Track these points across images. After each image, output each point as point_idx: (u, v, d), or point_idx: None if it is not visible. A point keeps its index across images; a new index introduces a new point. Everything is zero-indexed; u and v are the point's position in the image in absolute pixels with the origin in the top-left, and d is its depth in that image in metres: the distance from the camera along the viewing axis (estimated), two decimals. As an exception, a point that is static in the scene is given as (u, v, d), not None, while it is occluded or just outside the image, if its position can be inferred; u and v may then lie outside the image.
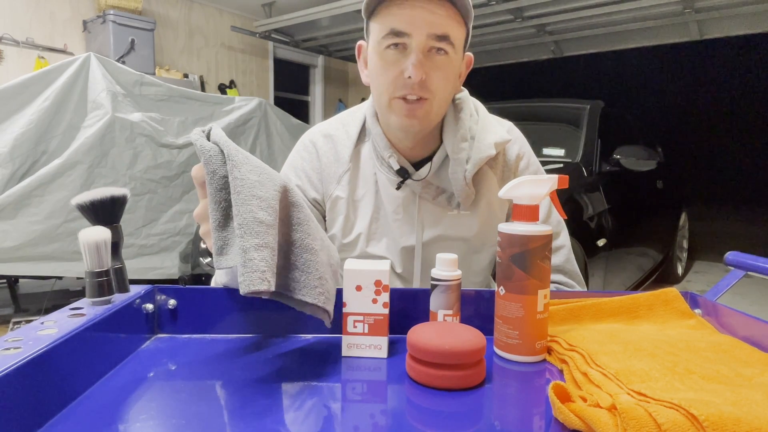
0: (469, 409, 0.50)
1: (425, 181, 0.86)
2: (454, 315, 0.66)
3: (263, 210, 0.53)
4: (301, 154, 0.93)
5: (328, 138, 0.92)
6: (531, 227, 0.61)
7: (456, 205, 0.86)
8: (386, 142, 0.86)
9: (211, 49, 5.32)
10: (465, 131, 0.84)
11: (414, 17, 0.73)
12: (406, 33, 0.74)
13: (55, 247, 2.67)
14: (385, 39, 0.75)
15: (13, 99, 2.68)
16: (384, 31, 0.75)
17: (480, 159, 0.83)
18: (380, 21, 0.76)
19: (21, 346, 0.46)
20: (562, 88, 8.11)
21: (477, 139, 0.85)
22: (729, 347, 0.58)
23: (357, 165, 0.90)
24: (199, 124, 3.34)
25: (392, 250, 0.89)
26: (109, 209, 0.63)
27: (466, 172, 0.83)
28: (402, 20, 0.73)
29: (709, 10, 3.95)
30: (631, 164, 2.73)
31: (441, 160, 0.87)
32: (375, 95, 0.83)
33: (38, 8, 4.03)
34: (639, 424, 0.40)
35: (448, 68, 0.78)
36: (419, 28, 0.73)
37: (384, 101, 0.80)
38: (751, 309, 1.08)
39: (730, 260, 0.79)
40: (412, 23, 0.73)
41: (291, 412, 0.48)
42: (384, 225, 0.89)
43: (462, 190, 0.84)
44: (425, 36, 0.74)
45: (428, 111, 0.78)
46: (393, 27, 0.74)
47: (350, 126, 0.91)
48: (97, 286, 0.59)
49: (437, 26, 0.74)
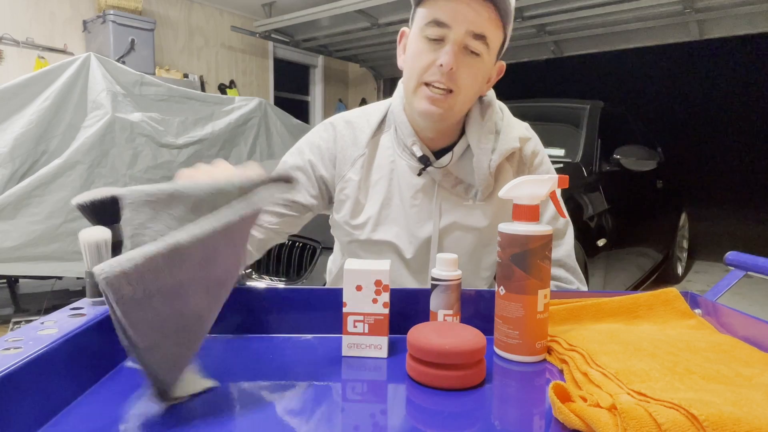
0: (469, 409, 0.50)
1: (445, 169, 0.89)
2: (455, 315, 0.66)
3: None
4: (320, 134, 0.95)
5: (348, 123, 0.95)
6: (531, 227, 0.61)
7: (473, 195, 0.90)
8: (410, 129, 0.89)
9: (211, 49, 5.32)
10: (491, 124, 0.89)
11: (457, 11, 0.77)
12: (447, 24, 0.77)
13: (55, 247, 2.66)
14: (427, 27, 0.79)
15: (13, 99, 2.68)
16: (427, 19, 0.79)
17: (506, 150, 0.88)
18: (427, 8, 0.79)
19: (21, 346, 0.46)
20: (562, 88, 8.11)
21: (503, 133, 0.90)
22: (729, 347, 0.58)
23: (373, 152, 0.93)
24: (199, 124, 3.34)
25: (402, 237, 0.91)
26: (109, 209, 0.63)
27: (491, 161, 0.87)
28: (446, 12, 0.77)
29: (709, 10, 3.95)
30: (631, 164, 2.73)
31: (462, 151, 0.90)
32: (405, 78, 0.86)
33: (38, 8, 4.03)
34: (639, 423, 0.40)
35: (478, 67, 0.82)
36: (460, 23, 0.77)
37: (412, 85, 0.83)
38: (751, 309, 1.08)
39: (730, 260, 0.79)
40: (454, 17, 0.77)
41: (291, 412, 0.48)
42: (395, 212, 0.91)
43: (485, 179, 0.88)
44: (464, 31, 0.77)
45: (452, 104, 0.82)
46: (436, 17, 0.78)
47: (372, 116, 0.95)
48: (97, 286, 0.59)
49: (477, 25, 0.77)
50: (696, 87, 8.55)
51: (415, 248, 0.91)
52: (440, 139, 0.90)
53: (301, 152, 0.94)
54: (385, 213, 0.91)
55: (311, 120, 6.69)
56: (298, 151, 0.95)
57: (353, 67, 6.96)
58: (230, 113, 3.56)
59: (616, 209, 2.59)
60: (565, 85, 8.25)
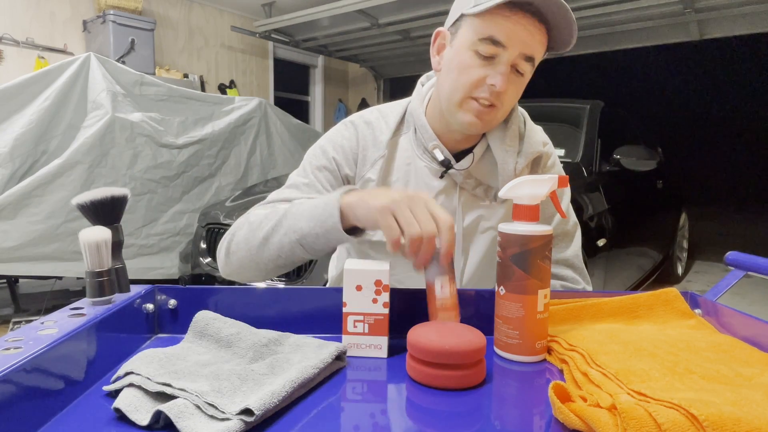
0: (469, 409, 0.50)
1: (466, 171, 0.90)
2: (450, 281, 0.64)
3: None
4: (341, 133, 0.95)
5: (368, 124, 0.94)
6: (531, 227, 0.61)
7: (492, 196, 0.91)
8: (432, 132, 0.89)
9: (211, 49, 5.32)
10: (516, 128, 0.90)
11: (515, 32, 0.76)
12: (502, 44, 0.76)
13: (55, 247, 2.67)
14: (482, 42, 0.77)
15: (13, 99, 2.68)
16: (482, 35, 0.77)
17: (532, 153, 0.90)
18: (484, 23, 0.77)
19: (21, 346, 0.46)
20: (562, 88, 8.11)
21: (527, 136, 0.91)
22: (729, 347, 0.58)
23: (393, 153, 0.93)
24: (199, 124, 3.34)
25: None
26: (109, 209, 0.63)
27: (517, 164, 0.88)
28: (503, 31, 0.76)
29: (709, 10, 3.95)
30: (631, 164, 2.73)
31: (481, 153, 0.91)
32: (446, 87, 0.84)
33: (38, 8, 4.03)
34: (639, 423, 0.40)
35: (521, 85, 0.83)
36: (515, 44, 0.76)
37: (457, 97, 0.82)
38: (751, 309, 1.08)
39: (730, 260, 0.79)
40: (511, 37, 0.76)
41: (291, 412, 0.48)
42: None
43: (509, 181, 0.87)
44: (517, 53, 0.77)
45: (493, 118, 0.83)
46: (493, 35, 0.76)
47: (389, 117, 0.94)
48: (97, 285, 0.59)
49: (529, 47, 0.77)
50: (696, 87, 8.55)
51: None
52: (463, 142, 0.90)
53: (324, 152, 0.93)
54: None
55: (311, 120, 6.69)
56: (321, 150, 0.94)
57: (353, 67, 6.96)
58: (230, 113, 3.56)
59: (616, 209, 2.59)
60: (565, 85, 8.25)
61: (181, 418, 0.43)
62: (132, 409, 0.45)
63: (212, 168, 3.41)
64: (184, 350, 0.57)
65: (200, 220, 2.80)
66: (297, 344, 0.59)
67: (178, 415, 0.43)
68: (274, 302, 0.69)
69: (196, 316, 0.63)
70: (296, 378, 0.50)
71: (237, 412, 0.44)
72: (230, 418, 0.43)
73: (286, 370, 0.52)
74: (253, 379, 0.50)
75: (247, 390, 0.48)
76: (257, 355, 0.56)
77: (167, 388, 0.47)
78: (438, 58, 0.87)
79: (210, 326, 0.61)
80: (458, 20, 0.82)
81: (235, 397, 0.46)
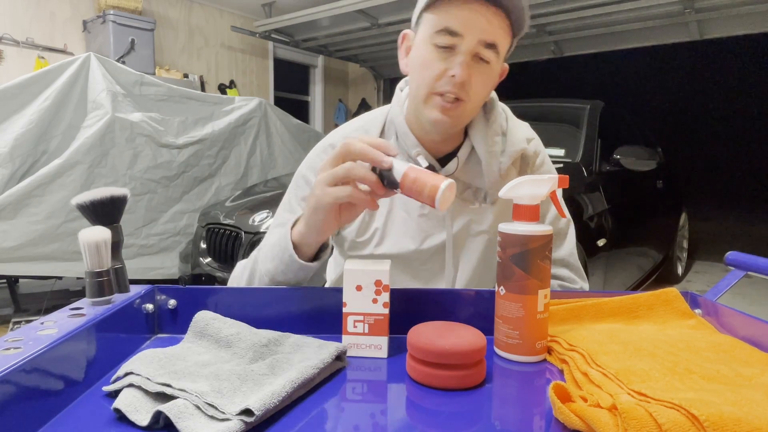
0: (469, 410, 0.50)
1: (453, 176, 0.88)
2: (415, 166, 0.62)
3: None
4: (320, 156, 0.93)
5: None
6: (531, 227, 0.61)
7: (482, 198, 0.89)
8: (413, 139, 0.87)
9: (211, 49, 5.32)
10: (497, 126, 0.88)
11: (470, 20, 0.75)
12: (459, 33, 0.75)
13: (55, 247, 2.67)
14: (438, 35, 0.77)
15: (13, 99, 2.68)
16: (438, 27, 0.76)
17: (515, 152, 0.87)
18: (437, 15, 0.77)
19: (21, 346, 0.46)
20: (562, 88, 8.11)
21: (510, 134, 0.89)
22: (729, 347, 0.58)
23: None
24: (199, 124, 3.34)
25: (409, 248, 0.89)
26: (109, 209, 0.63)
27: (501, 164, 0.86)
28: (458, 20, 0.75)
29: (709, 10, 3.95)
30: (631, 164, 2.73)
31: (466, 156, 0.89)
32: (413, 86, 0.83)
33: (38, 8, 4.03)
34: (640, 424, 0.40)
35: (488, 75, 0.80)
36: (472, 32, 0.75)
37: (422, 94, 0.81)
38: (751, 309, 1.08)
39: (730, 260, 0.79)
40: (466, 25, 0.75)
41: (291, 412, 0.48)
42: (399, 224, 0.90)
43: (495, 183, 0.87)
44: (476, 41, 0.75)
45: (462, 113, 0.80)
46: (448, 25, 0.75)
47: (371, 128, 0.92)
48: (97, 286, 0.59)
49: (488, 33, 0.75)
50: (696, 87, 8.55)
51: (425, 258, 0.90)
52: (445, 144, 0.88)
53: (307, 181, 0.91)
54: (390, 226, 0.90)
55: (311, 120, 6.69)
56: (304, 180, 0.92)
57: (353, 67, 6.96)
58: (230, 113, 3.56)
59: (616, 209, 2.59)
60: (565, 85, 8.25)
61: (181, 418, 0.43)
62: (132, 410, 0.45)
63: (212, 168, 3.42)
64: (183, 350, 0.57)
65: (200, 220, 2.80)
66: (297, 344, 0.59)
67: (178, 415, 0.43)
68: (274, 302, 0.68)
69: (195, 316, 0.63)
70: (296, 378, 0.50)
71: (237, 412, 0.44)
72: (230, 418, 0.43)
73: (286, 371, 0.52)
74: (253, 379, 0.50)
75: (247, 390, 0.48)
76: (257, 355, 0.56)
77: (167, 389, 0.47)
78: (405, 60, 0.86)
79: (210, 326, 0.61)
80: (419, 18, 0.82)
81: (235, 398, 0.46)
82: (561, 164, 2.53)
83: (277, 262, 0.71)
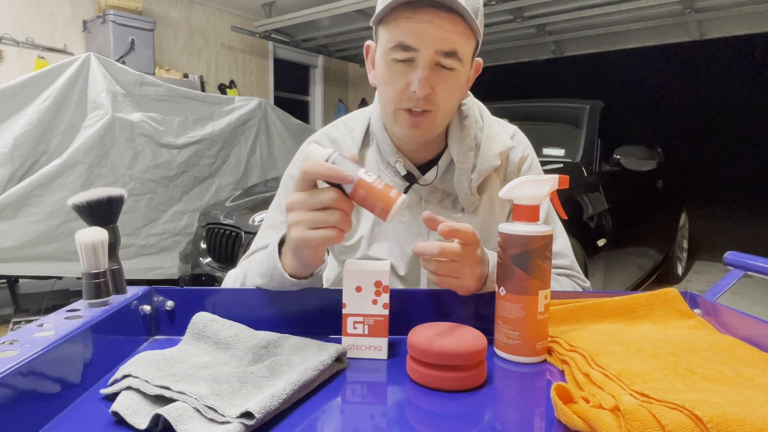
0: (470, 411, 0.49)
1: (431, 185, 0.87)
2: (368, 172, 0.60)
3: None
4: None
5: (334, 142, 0.91)
6: (532, 227, 0.60)
7: (461, 209, 0.87)
8: (392, 147, 0.86)
9: (211, 49, 5.32)
10: (470, 140, 0.85)
11: (422, 32, 0.71)
12: (413, 47, 0.73)
13: (55, 247, 2.67)
14: (393, 51, 0.74)
15: (13, 99, 2.68)
16: (392, 43, 0.74)
17: (485, 169, 0.84)
18: (389, 31, 0.74)
19: (17, 349, 0.45)
20: (562, 88, 8.10)
21: (482, 149, 0.85)
22: (730, 347, 0.58)
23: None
24: (199, 124, 3.34)
25: (395, 254, 0.89)
26: (105, 210, 0.63)
27: (471, 182, 0.84)
28: (410, 34, 0.72)
29: (709, 10, 3.95)
30: (631, 164, 2.73)
31: (446, 165, 0.87)
32: (381, 103, 0.82)
33: (38, 8, 4.03)
34: (643, 425, 0.40)
35: (454, 82, 0.77)
36: (427, 44, 0.72)
37: (389, 111, 0.80)
38: (750, 309, 1.08)
39: (729, 260, 0.79)
40: (419, 38, 0.72)
41: (291, 415, 0.48)
42: (386, 228, 0.89)
43: (467, 198, 0.85)
44: (432, 52, 0.72)
45: (432, 122, 0.78)
46: (401, 40, 0.73)
47: (355, 131, 0.91)
48: (93, 287, 0.58)
49: (445, 42, 0.72)
50: (696, 87, 8.54)
51: (407, 265, 0.89)
52: (424, 152, 0.87)
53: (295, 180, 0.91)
54: (376, 231, 0.89)
55: (311, 120, 6.69)
56: (292, 179, 0.91)
57: (353, 67, 6.96)
58: (230, 113, 3.56)
59: (616, 209, 2.59)
60: (565, 85, 8.24)
61: (180, 421, 0.43)
62: (130, 413, 0.45)
63: (212, 168, 3.41)
64: (182, 352, 0.57)
65: (200, 220, 2.80)
66: (297, 346, 0.58)
67: (178, 418, 0.43)
68: (273, 303, 0.68)
69: (194, 317, 0.62)
70: (296, 380, 0.49)
71: (237, 415, 0.43)
72: (230, 421, 0.43)
73: (286, 373, 0.52)
74: (252, 381, 0.49)
75: (246, 393, 0.47)
76: (256, 357, 0.56)
77: (166, 391, 0.47)
78: (373, 72, 0.84)
79: (208, 328, 0.61)
80: (375, 32, 0.79)
81: (234, 400, 0.46)
82: (561, 164, 2.53)
83: (268, 279, 0.68)
